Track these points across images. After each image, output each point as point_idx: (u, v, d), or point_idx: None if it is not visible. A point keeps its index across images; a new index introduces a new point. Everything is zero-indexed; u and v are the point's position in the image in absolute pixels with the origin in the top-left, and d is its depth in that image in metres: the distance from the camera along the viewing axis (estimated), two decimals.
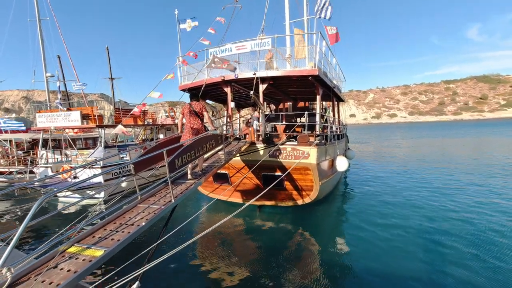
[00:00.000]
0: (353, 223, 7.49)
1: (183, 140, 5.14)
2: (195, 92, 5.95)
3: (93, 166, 10.51)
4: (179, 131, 5.86)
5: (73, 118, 11.99)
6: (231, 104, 8.46)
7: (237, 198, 8.88)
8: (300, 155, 6.99)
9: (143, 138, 17.88)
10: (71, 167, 10.85)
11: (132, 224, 3.43)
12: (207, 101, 11.36)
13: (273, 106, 16.22)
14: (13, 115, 30.77)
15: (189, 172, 5.13)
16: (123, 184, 9.80)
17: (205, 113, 5.44)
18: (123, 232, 3.25)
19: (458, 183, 11.45)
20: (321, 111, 9.08)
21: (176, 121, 18.77)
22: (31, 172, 12.65)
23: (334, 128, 10.36)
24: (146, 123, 15.98)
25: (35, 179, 11.78)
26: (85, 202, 10.13)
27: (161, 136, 17.08)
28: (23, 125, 15.67)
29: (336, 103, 13.18)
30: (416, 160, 18.40)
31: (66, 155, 13.69)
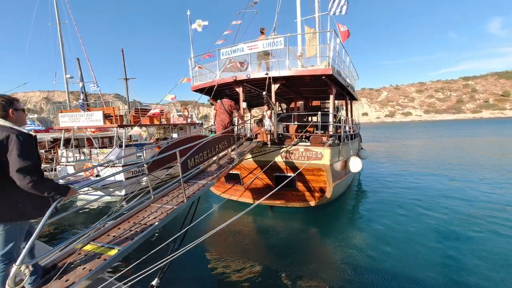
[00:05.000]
0: (366, 225, 7.30)
1: (217, 132, 6.01)
2: (228, 92, 6.52)
3: (115, 165, 10.78)
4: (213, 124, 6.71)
5: (96, 118, 12.35)
6: (243, 104, 8.41)
7: (249, 199, 8.86)
8: (313, 156, 6.86)
9: (157, 137, 18.22)
10: (93, 165, 11.16)
11: (145, 224, 3.46)
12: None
13: (284, 105, 16.08)
14: (35, 115, 32.16)
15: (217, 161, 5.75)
16: (143, 181, 9.98)
17: (234, 111, 6.18)
18: (136, 231, 3.29)
19: (478, 184, 10.92)
20: (334, 110, 8.89)
21: (189, 120, 19.29)
22: (55, 170, 13.13)
23: (347, 128, 10.13)
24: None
25: (58, 177, 12.20)
26: (108, 199, 10.40)
27: (175, 135, 17.34)
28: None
29: (349, 102, 12.89)
30: (433, 159, 17.74)
31: (84, 153, 14.13)
